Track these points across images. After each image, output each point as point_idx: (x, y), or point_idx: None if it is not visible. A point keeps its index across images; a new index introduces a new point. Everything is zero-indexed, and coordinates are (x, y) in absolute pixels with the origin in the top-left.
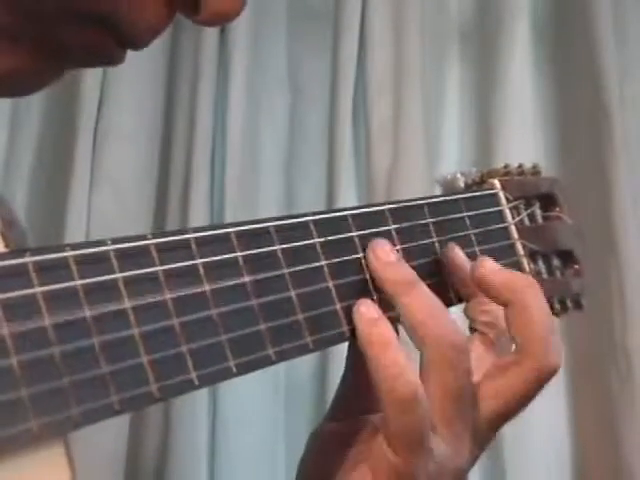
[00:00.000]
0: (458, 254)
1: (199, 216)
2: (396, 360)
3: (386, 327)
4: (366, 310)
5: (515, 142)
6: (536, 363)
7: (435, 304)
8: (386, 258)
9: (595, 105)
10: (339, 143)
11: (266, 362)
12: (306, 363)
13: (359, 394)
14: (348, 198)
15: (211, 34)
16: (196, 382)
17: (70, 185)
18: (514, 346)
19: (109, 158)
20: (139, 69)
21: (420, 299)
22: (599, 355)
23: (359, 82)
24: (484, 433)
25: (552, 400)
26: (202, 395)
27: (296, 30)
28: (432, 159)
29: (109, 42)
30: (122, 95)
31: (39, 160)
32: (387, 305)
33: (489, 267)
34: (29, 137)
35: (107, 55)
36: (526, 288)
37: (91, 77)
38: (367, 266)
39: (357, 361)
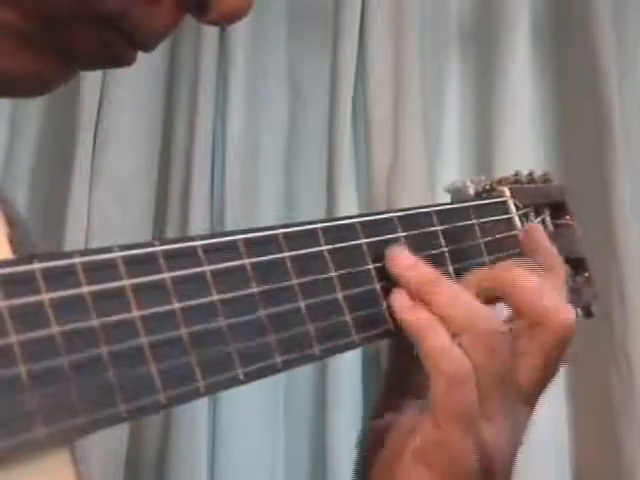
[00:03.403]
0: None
1: (199, 216)
2: (442, 340)
3: (423, 311)
4: (400, 300)
5: (515, 142)
6: (549, 329)
7: (462, 295)
8: (406, 262)
9: (595, 105)
10: (339, 143)
11: (273, 370)
12: (306, 367)
13: (409, 378)
14: (348, 198)
15: (211, 34)
16: (202, 390)
17: (70, 185)
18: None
19: (109, 158)
20: (139, 69)
21: (448, 293)
22: (599, 356)
23: (359, 82)
24: (523, 410)
25: (552, 400)
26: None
27: (296, 30)
28: (432, 159)
29: (119, 44)
30: (122, 95)
31: (39, 160)
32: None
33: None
34: (29, 137)
35: (117, 56)
36: (506, 270)
37: (91, 77)
38: (389, 273)
39: (404, 346)
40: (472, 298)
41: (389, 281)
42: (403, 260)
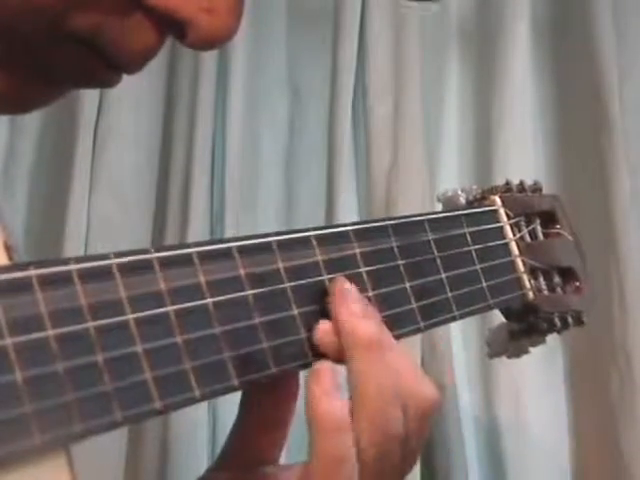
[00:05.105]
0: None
1: (199, 216)
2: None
3: (338, 405)
4: (321, 378)
5: (515, 141)
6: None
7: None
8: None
9: (595, 106)
10: (339, 143)
11: (268, 377)
12: None
13: (252, 445)
14: (348, 198)
15: None
16: (198, 396)
17: (70, 186)
18: None
19: (109, 159)
20: None
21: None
22: (599, 355)
23: (359, 82)
24: None
25: (552, 401)
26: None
27: (296, 30)
28: (432, 159)
29: (100, 66)
30: (122, 95)
31: (39, 161)
32: None
33: (323, 330)
34: (29, 137)
35: (97, 78)
36: (354, 351)
37: None
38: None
39: (251, 411)
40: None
41: (382, 288)
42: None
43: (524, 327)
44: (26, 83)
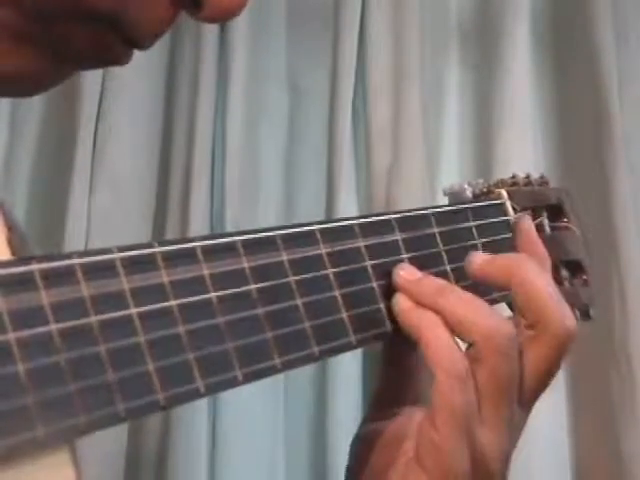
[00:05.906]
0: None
1: (199, 216)
2: (444, 340)
3: (425, 312)
4: (402, 303)
5: (515, 143)
6: (553, 333)
7: (474, 299)
8: (413, 276)
9: (595, 106)
10: (339, 143)
11: (272, 371)
12: (305, 367)
13: (401, 387)
14: (348, 198)
15: (211, 34)
16: (202, 390)
17: (70, 186)
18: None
19: (109, 159)
20: (139, 70)
21: (459, 297)
22: (599, 356)
23: (359, 82)
24: (520, 414)
25: (552, 401)
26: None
27: (296, 30)
28: (432, 159)
29: (114, 42)
30: (122, 96)
31: (39, 161)
32: None
33: (481, 260)
34: (29, 138)
35: (112, 55)
36: (521, 264)
37: (91, 77)
38: (396, 287)
39: (397, 355)
40: (482, 301)
41: (387, 281)
42: (409, 275)
43: None
44: (41, 60)
